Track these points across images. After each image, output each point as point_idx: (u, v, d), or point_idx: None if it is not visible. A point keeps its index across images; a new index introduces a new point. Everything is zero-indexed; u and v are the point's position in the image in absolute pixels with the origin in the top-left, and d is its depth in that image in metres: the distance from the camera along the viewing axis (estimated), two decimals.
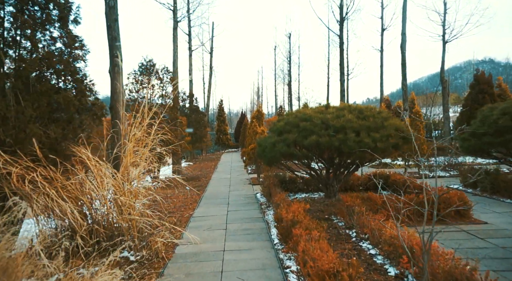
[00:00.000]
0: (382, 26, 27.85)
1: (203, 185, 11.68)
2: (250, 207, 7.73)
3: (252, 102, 57.28)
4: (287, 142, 6.48)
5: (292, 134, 6.46)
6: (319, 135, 6.11)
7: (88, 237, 4.53)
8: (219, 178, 13.23)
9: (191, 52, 22.30)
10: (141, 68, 11.98)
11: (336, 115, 6.48)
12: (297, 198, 8.30)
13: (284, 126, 6.84)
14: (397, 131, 6.19)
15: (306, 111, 6.97)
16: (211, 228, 6.09)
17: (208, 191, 10.38)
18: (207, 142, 24.03)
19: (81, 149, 4.68)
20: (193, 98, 21.19)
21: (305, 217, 4.64)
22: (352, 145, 5.81)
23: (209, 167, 17.47)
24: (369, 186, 8.93)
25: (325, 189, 7.51)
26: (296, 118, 6.80)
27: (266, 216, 6.79)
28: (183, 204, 8.39)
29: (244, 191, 10.10)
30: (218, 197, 9.29)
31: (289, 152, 6.42)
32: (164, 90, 12.56)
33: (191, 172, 15.61)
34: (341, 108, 6.82)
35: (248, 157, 11.31)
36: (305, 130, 6.40)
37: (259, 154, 7.54)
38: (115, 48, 6.37)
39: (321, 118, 6.42)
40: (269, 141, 7.00)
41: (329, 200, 7.40)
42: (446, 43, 19.59)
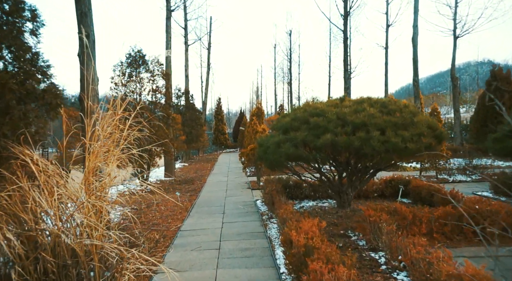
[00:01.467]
0: (387, 22, 26.73)
1: (197, 188, 10.52)
2: (249, 218, 6.57)
3: (251, 102, 56.18)
4: (295, 142, 5.34)
5: (301, 133, 5.32)
6: (335, 133, 4.97)
7: (32, 268, 3.38)
8: (215, 181, 12.07)
9: (187, 46, 21.13)
10: (128, 59, 10.81)
11: (354, 109, 5.35)
12: (304, 207, 7.15)
13: (291, 122, 5.70)
14: (430, 129, 5.06)
15: (317, 105, 5.84)
16: (200, 248, 4.93)
17: (201, 196, 9.22)
18: (204, 142, 22.88)
19: (24, 149, 3.53)
20: (189, 95, 20.03)
21: (323, 240, 3.50)
22: (377, 145, 4.67)
23: (205, 168, 16.31)
24: (385, 192, 7.81)
25: (338, 197, 6.37)
26: (305, 113, 5.66)
27: (268, 230, 5.64)
28: (172, 213, 7.23)
29: (243, 196, 8.95)
30: (213, 204, 8.13)
31: (297, 154, 5.28)
32: (155, 85, 11.40)
33: (185, 174, 14.45)
34: (359, 101, 5.68)
35: (247, 158, 10.18)
36: (317, 127, 5.26)
37: (260, 155, 6.40)
38: (85, 25, 5.22)
39: (337, 112, 5.28)
40: (272, 140, 5.86)
41: (343, 210, 6.26)
42: (458, 39, 18.50)
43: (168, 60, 13.58)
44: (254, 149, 9.97)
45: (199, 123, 20.04)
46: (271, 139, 5.91)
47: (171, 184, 11.52)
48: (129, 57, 10.84)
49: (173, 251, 4.84)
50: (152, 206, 7.84)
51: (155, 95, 11.37)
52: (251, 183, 10.93)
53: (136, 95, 10.95)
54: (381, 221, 4.42)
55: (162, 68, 11.47)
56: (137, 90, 10.98)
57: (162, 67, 11.48)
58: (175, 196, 8.81)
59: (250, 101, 56.08)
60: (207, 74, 26.90)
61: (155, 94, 11.43)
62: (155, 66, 11.27)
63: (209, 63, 26.94)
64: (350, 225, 5.59)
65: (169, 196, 9.18)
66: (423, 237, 4.47)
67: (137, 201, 8.55)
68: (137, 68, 10.89)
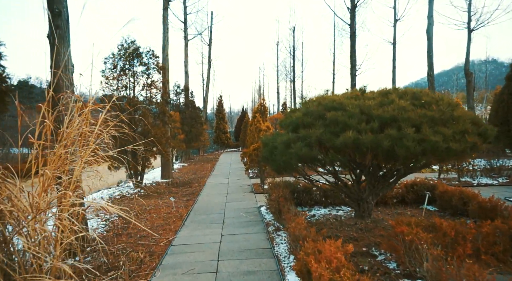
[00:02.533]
0: (395, 17, 25.73)
1: (195, 192, 9.63)
2: (252, 229, 5.67)
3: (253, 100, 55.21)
4: (308, 141, 4.43)
5: (315, 130, 4.41)
6: (358, 130, 4.06)
7: None
8: (215, 183, 11.18)
9: (187, 42, 20.23)
10: (121, 51, 9.93)
11: (379, 102, 4.43)
12: (315, 216, 6.24)
13: (303, 118, 4.79)
14: (474, 126, 4.13)
15: (334, 97, 4.92)
16: (193, 270, 4.03)
17: (199, 201, 8.33)
18: (205, 141, 22.00)
19: None
20: (189, 92, 19.14)
21: (353, 275, 2.59)
22: (411, 145, 3.75)
23: (205, 169, 15.43)
24: (406, 198, 6.88)
25: (356, 205, 5.45)
26: (320, 107, 4.74)
27: (276, 246, 4.74)
28: (164, 222, 6.34)
29: (245, 202, 8.05)
30: (211, 210, 7.23)
31: (311, 156, 4.37)
32: (150, 79, 10.52)
33: (183, 175, 13.57)
34: (384, 92, 4.76)
35: (249, 159, 9.28)
36: (335, 123, 4.35)
37: (265, 157, 5.49)
38: (56, 1, 4.32)
39: (359, 105, 4.36)
40: (280, 139, 4.95)
41: (362, 221, 5.34)
42: (472, 32, 17.50)
43: (165, 54, 12.69)
44: (257, 148, 9.08)
45: (199, 122, 19.15)
46: (279, 138, 5.00)
47: (167, 187, 10.64)
48: (122, 48, 9.96)
49: (160, 274, 3.95)
50: (142, 213, 6.96)
51: (150, 90, 10.49)
52: (254, 186, 10.03)
53: (129, 90, 10.07)
54: (420, 241, 3.50)
55: (158, 61, 10.58)
56: (130, 85, 10.10)
57: (158, 60, 10.60)
58: (169, 201, 7.92)
59: (252, 100, 55.21)
60: (208, 71, 26.03)
61: (150, 89, 10.55)
62: (150, 58, 10.39)
63: (210, 59, 26.05)
64: (373, 240, 4.68)
65: (163, 201, 8.30)
66: (468, 258, 3.57)
67: (127, 207, 7.67)
68: (131, 61, 10.01)
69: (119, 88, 9.89)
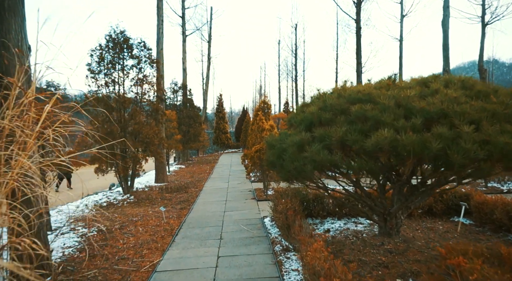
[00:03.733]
0: (402, 12, 24.80)
1: (191, 198, 8.66)
2: (256, 248, 4.70)
3: (254, 100, 54.20)
4: (328, 142, 3.45)
5: (336, 128, 3.43)
6: (396, 128, 3.08)
7: None
8: (214, 189, 10.20)
9: (185, 37, 19.26)
10: (109, 42, 8.97)
11: (420, 92, 3.45)
12: (330, 230, 5.26)
13: (319, 113, 3.82)
14: None
15: (359, 87, 3.95)
16: None
17: (194, 210, 7.35)
18: (204, 141, 21.03)
19: None
20: (187, 90, 18.17)
21: None
22: (471, 148, 2.78)
23: (204, 172, 14.45)
24: (435, 208, 5.90)
25: (382, 220, 4.47)
26: (341, 99, 3.78)
27: (285, 275, 3.77)
28: (151, 238, 5.37)
29: (246, 211, 7.07)
30: (207, 222, 6.26)
31: (332, 162, 3.40)
32: (141, 73, 9.55)
33: (179, 179, 12.59)
34: (422, 81, 3.79)
35: (251, 162, 8.31)
36: (363, 119, 3.38)
37: (271, 161, 4.52)
38: None
39: (395, 97, 3.39)
40: (290, 140, 3.98)
41: (390, 240, 4.36)
42: (487, 26, 16.49)
43: (159, 48, 11.74)
44: (260, 150, 8.11)
45: (198, 121, 18.18)
46: (289, 139, 4.03)
47: (161, 192, 9.67)
48: (110, 39, 8.99)
49: None
50: (127, 226, 5.99)
51: (141, 86, 9.52)
52: (256, 192, 9.06)
53: (119, 86, 9.11)
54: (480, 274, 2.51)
55: (150, 53, 9.61)
56: (119, 80, 9.13)
57: (151, 53, 9.62)
58: (160, 211, 6.94)
59: (253, 100, 54.30)
60: (207, 69, 25.05)
61: (142, 84, 9.58)
62: (142, 51, 9.42)
63: (209, 57, 25.09)
64: (408, 267, 3.70)
65: (154, 209, 7.34)
66: None
67: (111, 217, 6.71)
68: (120, 53, 9.04)
69: (107, 83, 8.92)
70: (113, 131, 8.35)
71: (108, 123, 8.54)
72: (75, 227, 5.93)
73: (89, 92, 8.72)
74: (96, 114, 8.60)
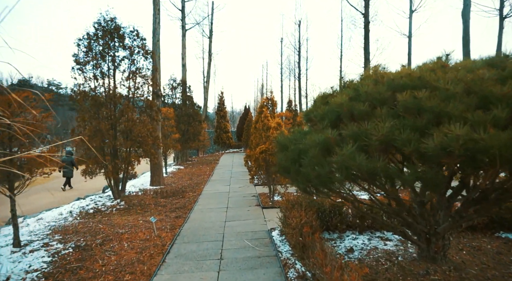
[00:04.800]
0: (411, 7, 23.82)
1: (188, 204, 7.75)
2: (264, 274, 3.78)
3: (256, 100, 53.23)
4: (366, 143, 2.54)
5: (378, 124, 2.52)
6: (468, 123, 2.15)
7: None
8: (214, 193, 9.29)
9: (184, 31, 18.34)
10: (98, 31, 8.07)
11: (495, 75, 2.53)
12: (353, 250, 4.33)
13: (350, 105, 2.90)
14: None
15: (402, 71, 3.03)
16: None
17: (191, 219, 6.45)
18: (204, 141, 20.12)
19: None
20: (187, 86, 17.25)
21: None
22: None
23: (203, 173, 13.55)
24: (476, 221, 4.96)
25: (424, 241, 3.54)
26: (379, 86, 2.86)
27: None
28: (137, 257, 4.46)
29: (251, 221, 6.16)
30: (205, 236, 5.35)
31: (373, 169, 2.49)
32: (134, 66, 8.64)
33: (177, 181, 11.68)
34: (491, 61, 2.86)
35: (256, 164, 7.39)
36: (417, 112, 2.48)
37: (284, 167, 3.62)
38: None
39: (462, 80, 2.46)
40: (309, 139, 3.08)
41: (435, 267, 3.44)
42: (505, 19, 15.52)
43: (155, 39, 10.83)
44: (265, 151, 7.19)
45: (198, 119, 17.26)
46: (308, 138, 3.12)
47: (155, 196, 8.77)
48: (99, 28, 8.09)
49: None
50: (111, 241, 5.08)
51: (134, 79, 8.61)
52: (260, 197, 8.15)
53: (109, 79, 8.20)
54: None
55: (144, 43, 8.70)
56: (109, 73, 8.23)
57: (144, 43, 8.72)
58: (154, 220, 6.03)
59: (255, 99, 53.50)
60: (208, 66, 24.14)
61: (135, 78, 8.67)
62: (134, 40, 8.51)
63: (210, 53, 24.16)
64: None
65: (145, 218, 6.43)
66: None
67: (95, 228, 5.81)
68: (110, 42, 8.14)
69: (96, 76, 8.02)
70: (101, 129, 7.45)
71: (97, 120, 7.64)
72: (49, 242, 5.03)
73: (75, 86, 7.82)
74: (82, 110, 7.71)
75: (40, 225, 6.35)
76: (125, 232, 5.52)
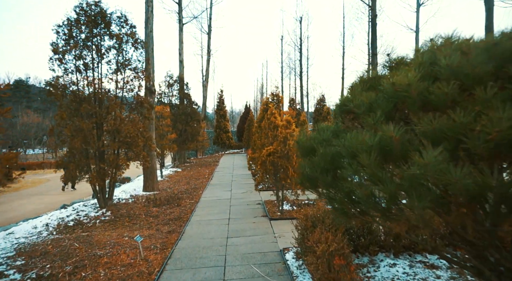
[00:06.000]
0: (418, 1, 22.87)
1: (183, 215, 6.74)
2: None
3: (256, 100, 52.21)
4: (466, 146, 1.50)
5: (495, 114, 1.46)
6: None
7: None
8: (213, 200, 8.27)
9: (181, 25, 17.31)
10: (80, 16, 7.05)
11: None
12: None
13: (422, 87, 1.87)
14: None
15: None
16: None
17: (186, 236, 5.43)
18: (203, 141, 19.09)
19: None
20: (184, 83, 16.23)
21: None
22: None
23: (202, 176, 12.53)
24: None
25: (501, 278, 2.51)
26: (476, 57, 1.81)
27: None
28: None
29: (258, 238, 5.14)
30: (203, 260, 4.33)
31: (480, 189, 1.43)
32: (123, 57, 7.62)
33: (173, 186, 10.66)
34: None
35: (262, 168, 6.36)
36: None
37: (309, 177, 2.62)
38: None
39: None
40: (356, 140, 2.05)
41: None
42: None
43: (148, 29, 9.81)
44: (273, 153, 6.17)
45: (196, 118, 16.23)
46: (352, 138, 2.10)
47: (147, 205, 7.75)
48: (81, 13, 7.07)
49: None
50: (84, 267, 4.06)
51: (121, 72, 7.59)
52: (266, 205, 7.13)
53: (93, 71, 7.18)
54: None
55: (134, 31, 7.68)
56: (94, 64, 7.21)
57: (134, 31, 7.70)
58: (141, 233, 5.00)
59: (255, 99, 52.57)
60: (207, 63, 23.10)
61: (124, 71, 7.66)
62: (122, 27, 7.49)
63: (209, 50, 23.12)
64: None
65: (131, 233, 5.42)
66: None
67: (68, 248, 4.80)
68: (94, 29, 7.12)
69: (78, 67, 7.00)
70: (82, 128, 6.43)
71: (78, 118, 6.61)
72: (5, 271, 4.01)
73: (52, 80, 6.80)
74: (61, 107, 6.69)
75: (7, 242, 5.33)
76: (105, 254, 4.49)
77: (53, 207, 11.86)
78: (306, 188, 2.82)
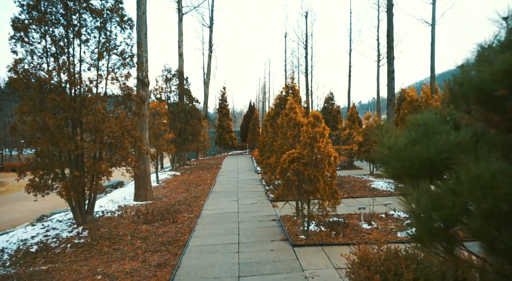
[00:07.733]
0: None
1: (180, 237, 5.27)
2: None
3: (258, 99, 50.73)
4: None
5: None
6: None
7: None
8: (217, 214, 6.79)
9: (181, 15, 15.86)
10: None
11: None
12: None
13: None
14: None
15: None
16: None
17: (182, 273, 3.95)
18: (204, 142, 17.62)
19: None
20: (184, 78, 14.77)
21: None
22: None
23: (203, 182, 11.05)
24: None
25: None
26: None
27: None
28: None
29: (281, 276, 3.66)
30: None
31: None
32: (106, 38, 6.17)
33: (169, 193, 9.18)
34: None
35: (284, 180, 4.86)
36: None
37: None
38: None
39: None
40: None
41: None
42: None
43: (140, 11, 8.35)
44: (298, 159, 4.68)
45: (197, 117, 14.75)
46: None
47: (136, 220, 6.28)
48: None
49: None
50: None
51: (107, 57, 6.14)
52: (285, 224, 5.64)
53: (68, 55, 5.74)
54: None
55: (121, 7, 6.23)
56: (70, 46, 5.76)
57: (121, 6, 6.25)
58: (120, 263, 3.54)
59: (257, 99, 51.19)
60: (209, 58, 21.65)
61: (108, 55, 6.21)
62: (106, 1, 6.04)
63: (211, 44, 21.68)
64: None
65: (108, 265, 3.96)
66: None
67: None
68: (70, 1, 5.67)
69: (47, 50, 5.56)
70: (48, 126, 4.97)
71: (43, 113, 5.15)
72: None
73: (13, 64, 5.34)
74: (23, 99, 5.24)
75: None
76: None
77: (33, 216, 10.45)
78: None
